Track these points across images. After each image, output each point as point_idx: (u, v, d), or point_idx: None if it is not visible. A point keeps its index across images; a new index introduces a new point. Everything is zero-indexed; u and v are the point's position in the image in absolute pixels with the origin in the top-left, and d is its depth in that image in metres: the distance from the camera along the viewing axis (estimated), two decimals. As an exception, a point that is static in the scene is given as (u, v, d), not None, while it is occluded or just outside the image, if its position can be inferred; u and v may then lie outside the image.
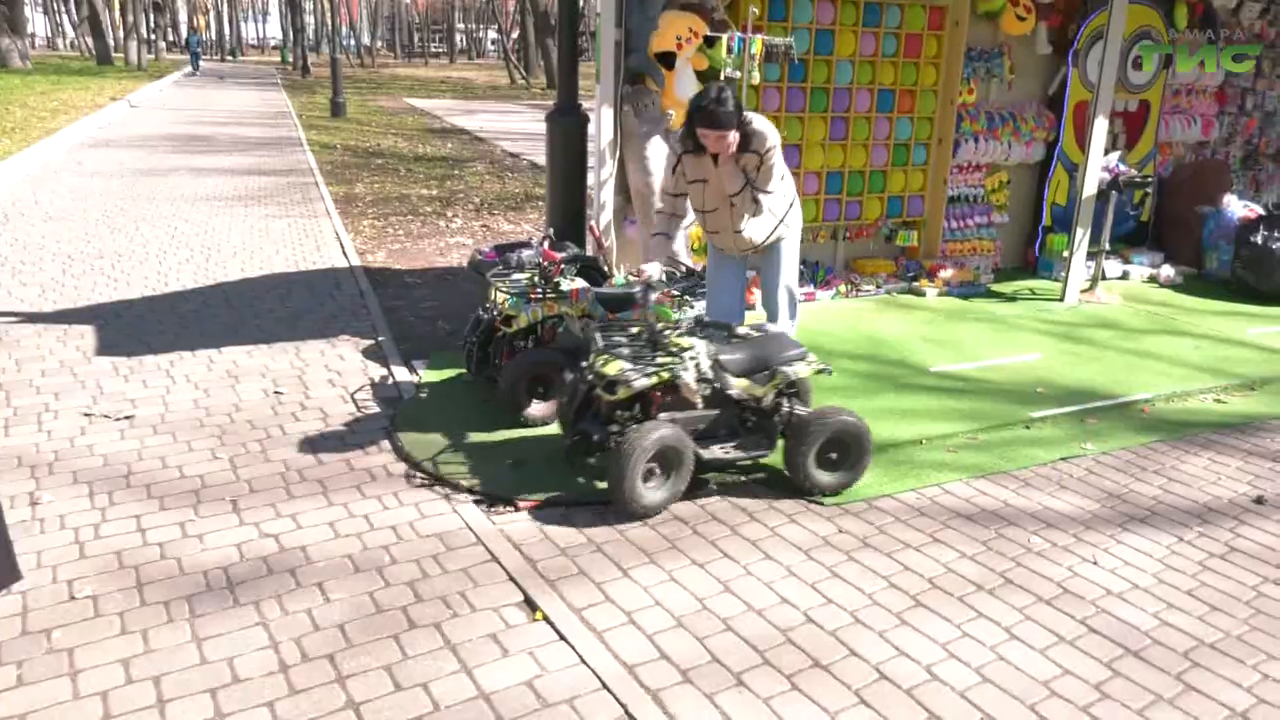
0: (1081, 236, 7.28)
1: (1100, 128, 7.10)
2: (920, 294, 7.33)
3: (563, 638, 2.95)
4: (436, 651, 2.87)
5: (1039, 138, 7.95)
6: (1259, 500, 4.14)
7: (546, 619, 3.04)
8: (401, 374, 5.18)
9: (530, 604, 3.13)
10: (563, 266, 4.76)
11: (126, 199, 10.25)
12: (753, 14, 5.34)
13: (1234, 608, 3.30)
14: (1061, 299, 7.34)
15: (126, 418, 4.51)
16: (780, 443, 4.05)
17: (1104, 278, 7.78)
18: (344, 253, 8.18)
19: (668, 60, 5.34)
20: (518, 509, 3.79)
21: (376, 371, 5.26)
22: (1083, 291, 7.47)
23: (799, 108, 6.99)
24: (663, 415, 3.88)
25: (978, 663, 2.92)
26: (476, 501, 3.83)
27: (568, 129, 5.59)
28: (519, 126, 20.98)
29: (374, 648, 2.87)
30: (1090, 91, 7.49)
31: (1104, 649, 3.02)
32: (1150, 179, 8.21)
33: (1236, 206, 8.23)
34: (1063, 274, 7.43)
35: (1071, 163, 7.93)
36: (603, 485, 3.92)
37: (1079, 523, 3.87)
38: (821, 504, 3.91)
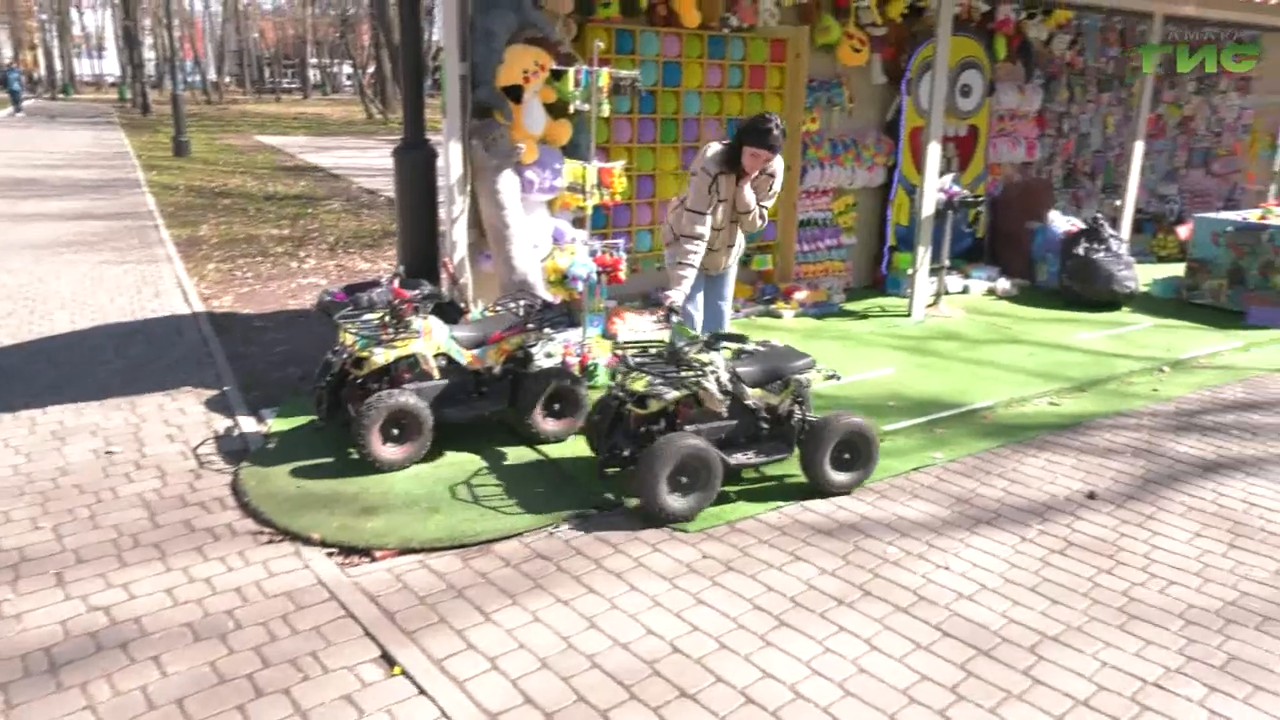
0: (923, 255, 7.65)
1: (934, 152, 7.49)
2: (778, 316, 7.53)
3: (422, 691, 2.84)
4: (286, 719, 2.70)
5: (880, 162, 8.33)
6: (1091, 495, 4.39)
7: (405, 673, 2.92)
8: (248, 424, 4.93)
9: (388, 659, 3.00)
10: (415, 305, 4.64)
11: (-61, 250, 9.46)
12: (598, 47, 5.39)
13: (1073, 600, 3.48)
14: (909, 314, 7.67)
15: (-66, 490, 4.12)
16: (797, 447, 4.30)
17: (947, 292, 8.19)
18: (186, 298, 7.77)
19: (515, 94, 5.32)
20: (374, 559, 3.64)
21: (221, 423, 4.99)
22: (928, 307, 7.84)
23: (650, 138, 7.10)
24: (687, 427, 4.11)
25: (840, 677, 2.97)
26: (329, 554, 3.66)
27: (415, 164, 5.49)
28: (376, 162, 20.53)
29: (216, 721, 2.69)
30: (923, 118, 7.90)
31: (958, 651, 3.13)
32: (983, 198, 8.73)
33: (1061, 221, 8.83)
34: (909, 291, 7.78)
35: (911, 185, 8.33)
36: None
37: (931, 530, 4.01)
38: (685, 530, 3.92)
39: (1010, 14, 8.79)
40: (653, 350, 4.33)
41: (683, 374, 4.06)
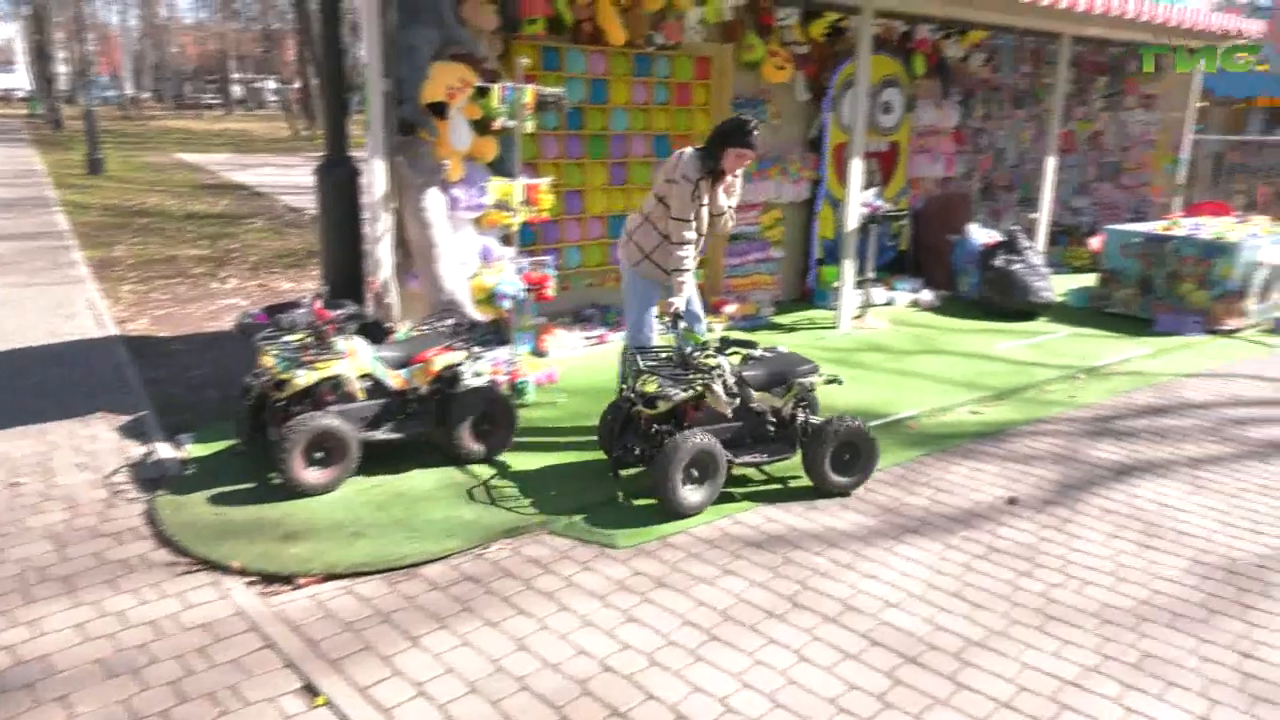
0: (849, 268, 7.79)
1: (857, 167, 7.65)
2: (708, 330, 7.56)
3: (347, 721, 2.77)
4: (202, 756, 2.61)
5: (805, 177, 8.46)
6: (1012, 501, 4.51)
7: (329, 703, 2.85)
8: (165, 451, 4.77)
9: (310, 689, 2.92)
10: (339, 325, 4.56)
11: None
12: (523, 64, 5.38)
13: (996, 604, 3.56)
14: (836, 326, 7.80)
15: None
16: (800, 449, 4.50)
17: (872, 304, 8.34)
18: (100, 321, 7.50)
19: (440, 110, 5.27)
20: (297, 587, 3.55)
21: (136, 451, 4.82)
22: (855, 318, 7.98)
23: (578, 155, 7.11)
24: (695, 428, 4.28)
25: (770, 689, 2.99)
26: (250, 583, 3.56)
27: (338, 182, 5.40)
28: (303, 180, 20.11)
29: (128, 762, 2.58)
30: (846, 134, 8.06)
31: (885, 659, 3.17)
32: (905, 212, 8.94)
33: (980, 234, 9.07)
34: (836, 303, 7.91)
35: (835, 199, 8.49)
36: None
37: (859, 540, 4.07)
38: (615, 547, 3.91)
39: (928, 33, 9.05)
40: (663, 354, 4.54)
41: (691, 377, 4.27)
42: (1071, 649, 3.25)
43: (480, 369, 5.15)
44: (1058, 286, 8.97)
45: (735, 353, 4.53)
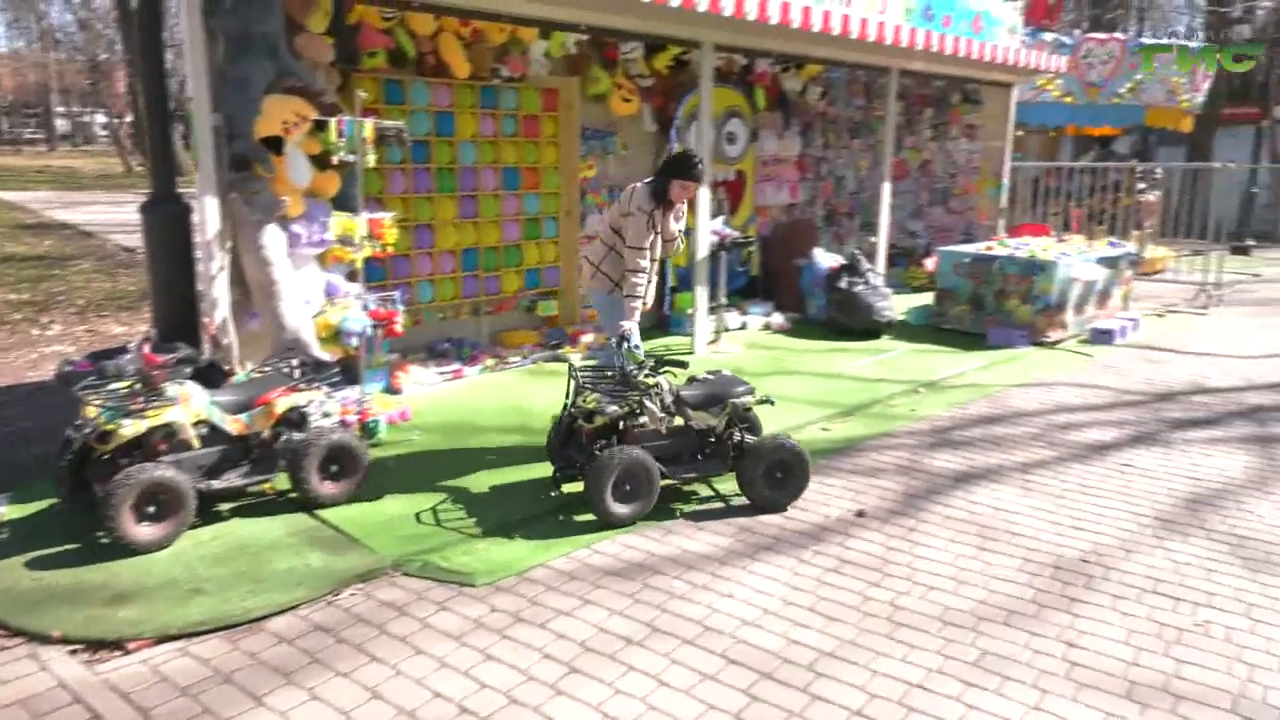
0: (702, 294, 7.97)
1: (705, 196, 7.85)
2: (565, 360, 7.56)
3: (182, 793, 2.59)
4: (15, 847, 2.39)
5: (656, 207, 8.61)
6: (860, 514, 4.68)
7: (162, 775, 2.66)
8: (-25, 514, 4.38)
9: (141, 761, 2.73)
10: (169, 370, 4.31)
11: None
12: (362, 97, 5.27)
13: (847, 615, 3.67)
14: (693, 352, 7.95)
15: None
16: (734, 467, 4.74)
17: (727, 329, 8.56)
18: (-100, 377, 6.85)
19: (276, 145, 5.10)
20: (128, 652, 3.31)
21: (-59, 516, 4.40)
22: (710, 343, 8.16)
23: (426, 189, 7.01)
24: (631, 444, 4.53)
25: (630, 716, 2.98)
26: (73, 652, 3.30)
27: (166, 220, 5.12)
28: (135, 218, 19.05)
29: None
30: (693, 164, 8.26)
31: (742, 677, 3.22)
32: (753, 239, 9.23)
33: (825, 258, 9.46)
34: (691, 329, 8.07)
35: (686, 228, 8.66)
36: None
37: (716, 560, 4.13)
38: (473, 585, 3.83)
39: (767, 67, 9.42)
40: (608, 374, 4.80)
41: (628, 394, 4.54)
42: (917, 653, 3.39)
43: (329, 409, 4.99)
44: (899, 306, 9.44)
45: (668, 372, 4.76)
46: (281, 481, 4.60)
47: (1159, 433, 6.06)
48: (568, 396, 4.74)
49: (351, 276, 5.64)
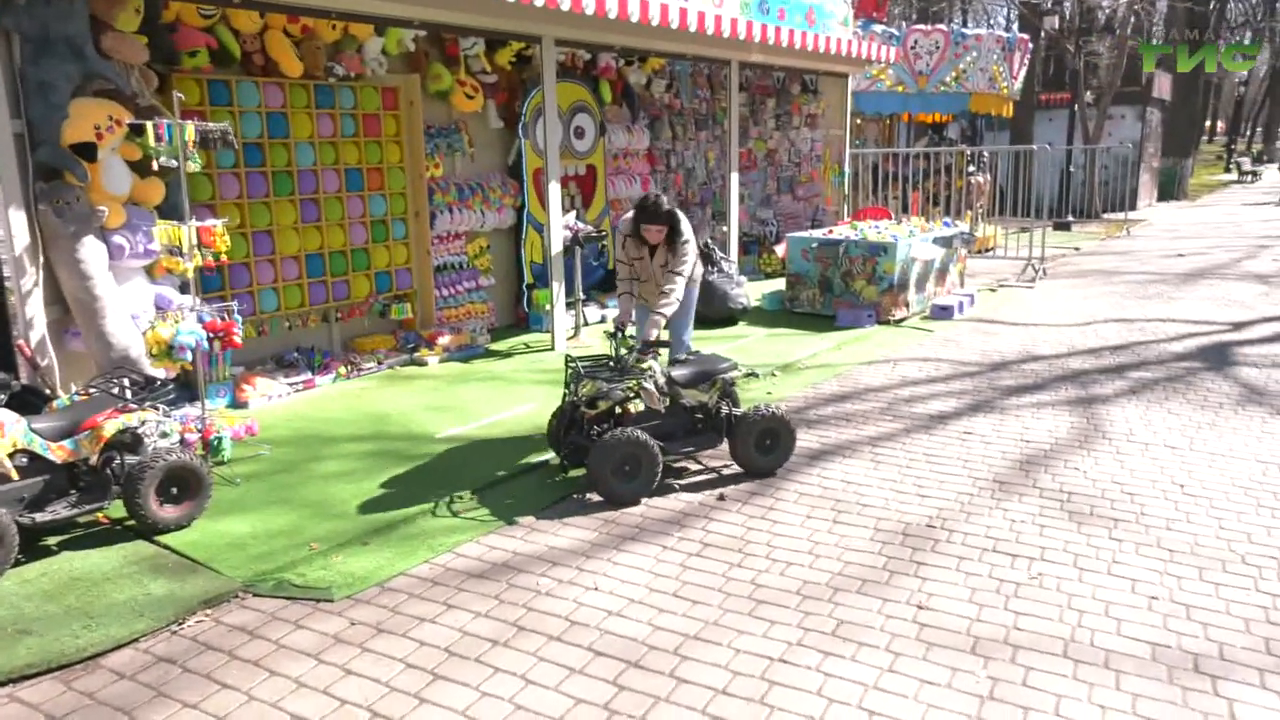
0: (559, 289, 7.95)
1: (555, 191, 7.83)
2: (422, 364, 7.42)
3: None
4: None
5: (508, 204, 8.54)
6: (721, 497, 4.78)
7: (-15, 836, 2.46)
8: None
9: (-40, 825, 2.51)
10: (-22, 398, 3.98)
11: None
12: (180, 99, 4.98)
13: (710, 597, 3.74)
14: (552, 348, 7.92)
15: None
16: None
17: (586, 323, 8.57)
18: None
19: (88, 152, 4.78)
20: (-58, 707, 3.04)
21: None
22: (569, 338, 8.15)
23: (262, 193, 6.71)
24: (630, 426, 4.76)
25: (497, 718, 2.95)
26: (-124, 714, 3.00)
27: (-33, 236, 4.73)
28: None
29: None
30: (542, 159, 8.23)
31: (610, 668, 3.23)
32: (605, 233, 9.25)
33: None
34: (550, 325, 8.04)
35: (539, 224, 8.63)
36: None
37: (581, 554, 4.13)
38: (331, 599, 3.71)
39: (611, 60, 9.47)
40: (603, 361, 5.04)
41: (626, 379, 4.81)
42: (778, 628, 3.49)
43: (167, 429, 4.72)
44: (754, 292, 9.68)
45: (657, 355, 5.02)
46: (116, 509, 4.32)
47: (994, 400, 6.45)
48: (567, 386, 4.94)
49: (184, 288, 5.34)
